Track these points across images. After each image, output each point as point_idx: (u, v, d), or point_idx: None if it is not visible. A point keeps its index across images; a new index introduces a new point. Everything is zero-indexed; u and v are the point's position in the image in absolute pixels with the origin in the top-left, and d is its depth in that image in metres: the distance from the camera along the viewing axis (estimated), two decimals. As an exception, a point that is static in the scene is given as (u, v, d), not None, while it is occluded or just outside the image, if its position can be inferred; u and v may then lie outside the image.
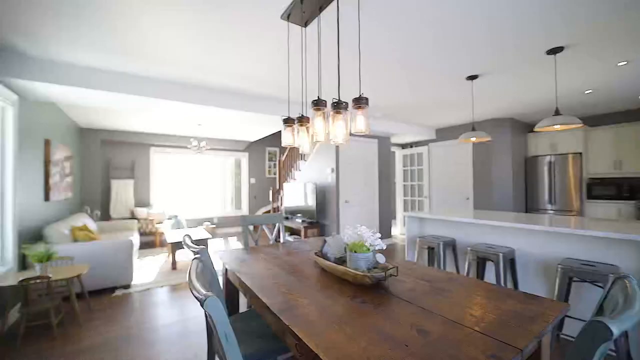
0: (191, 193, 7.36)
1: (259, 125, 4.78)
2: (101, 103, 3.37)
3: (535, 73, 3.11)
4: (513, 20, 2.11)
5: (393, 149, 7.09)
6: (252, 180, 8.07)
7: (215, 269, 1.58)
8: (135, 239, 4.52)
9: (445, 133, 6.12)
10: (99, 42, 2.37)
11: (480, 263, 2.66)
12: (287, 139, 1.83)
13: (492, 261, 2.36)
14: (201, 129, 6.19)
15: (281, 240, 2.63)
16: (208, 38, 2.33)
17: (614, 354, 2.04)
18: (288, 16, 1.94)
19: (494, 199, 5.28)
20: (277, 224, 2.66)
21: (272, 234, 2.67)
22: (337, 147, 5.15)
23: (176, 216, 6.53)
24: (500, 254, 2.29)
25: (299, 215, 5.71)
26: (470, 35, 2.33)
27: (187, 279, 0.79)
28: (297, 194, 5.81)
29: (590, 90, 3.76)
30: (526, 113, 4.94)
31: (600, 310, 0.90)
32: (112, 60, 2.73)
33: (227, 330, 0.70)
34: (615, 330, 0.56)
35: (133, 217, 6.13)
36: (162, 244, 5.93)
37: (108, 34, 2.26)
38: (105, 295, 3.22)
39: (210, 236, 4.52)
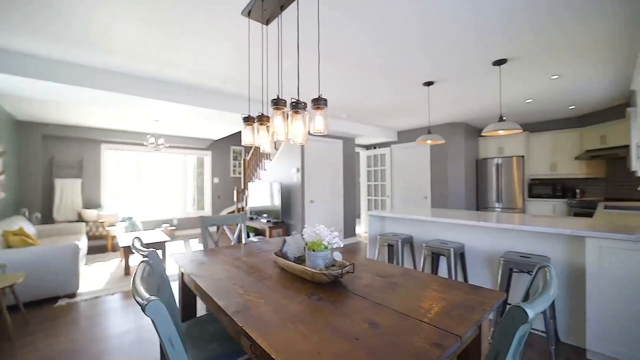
0: (148, 193, 6.92)
1: (221, 123, 4.64)
2: (44, 95, 3.04)
3: (484, 82, 3.38)
4: (463, 31, 2.28)
5: (357, 149, 7.27)
6: (216, 180, 7.80)
7: (172, 272, 1.51)
8: (83, 243, 4.15)
9: (407, 135, 6.41)
10: (41, 27, 2.14)
11: (435, 258, 2.83)
12: (247, 138, 1.80)
13: (445, 256, 2.52)
14: (159, 125, 5.84)
15: (243, 241, 2.58)
16: (165, 31, 2.22)
17: (544, 334, 2.29)
18: (249, 13, 1.91)
19: (449, 197, 5.64)
20: (239, 225, 2.60)
21: (234, 235, 2.61)
22: (302, 147, 5.16)
23: (130, 218, 6.11)
24: (451, 249, 2.45)
25: (264, 215, 5.63)
26: (426, 44, 2.46)
27: (131, 285, 0.75)
28: (262, 193, 5.73)
29: (530, 100, 4.17)
30: (477, 118, 5.34)
31: (526, 296, 1.00)
32: (57, 49, 2.48)
33: (172, 335, 0.68)
34: (531, 313, 0.63)
35: (81, 219, 5.61)
36: (115, 248, 5.51)
37: (52, 20, 2.05)
38: (46, 307, 2.92)
39: (168, 239, 4.29)
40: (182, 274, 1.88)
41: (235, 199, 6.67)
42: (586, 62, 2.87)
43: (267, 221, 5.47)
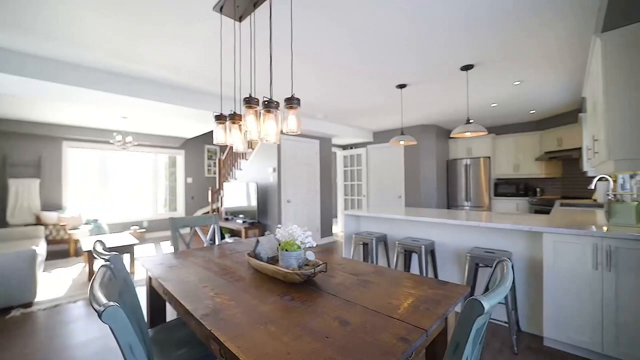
0: (116, 194, 6.56)
1: (194, 121, 4.49)
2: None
3: (453, 86, 3.54)
4: (433, 37, 2.37)
5: (334, 149, 7.33)
6: (189, 180, 7.55)
7: (141, 277, 1.45)
8: (41, 249, 3.86)
9: (382, 136, 6.56)
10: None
11: (407, 255, 2.92)
12: (219, 137, 1.76)
13: (416, 253, 2.61)
14: (127, 123, 5.56)
15: (217, 242, 2.51)
16: (133, 23, 2.11)
17: (506, 324, 2.43)
18: (221, 8, 1.87)
19: (421, 196, 5.84)
20: (212, 226, 2.53)
21: (207, 237, 2.54)
22: (278, 146, 5.12)
23: (96, 220, 5.76)
24: (422, 246, 2.54)
25: (240, 215, 5.53)
26: (397, 46, 2.53)
27: (88, 291, 0.71)
28: (238, 193, 5.62)
29: (495, 104, 4.41)
30: (447, 121, 5.57)
31: (487, 289, 1.06)
32: (20, 40, 2.29)
33: (132, 342, 0.65)
34: (487, 305, 0.67)
35: (39, 222, 5.21)
36: (78, 252, 5.18)
37: (18, 10, 1.89)
38: (-5, 318, 2.68)
39: (136, 241, 4.09)
40: (150, 278, 1.80)
41: (210, 199, 6.49)
42: (544, 69, 3.09)
43: (243, 222, 5.38)
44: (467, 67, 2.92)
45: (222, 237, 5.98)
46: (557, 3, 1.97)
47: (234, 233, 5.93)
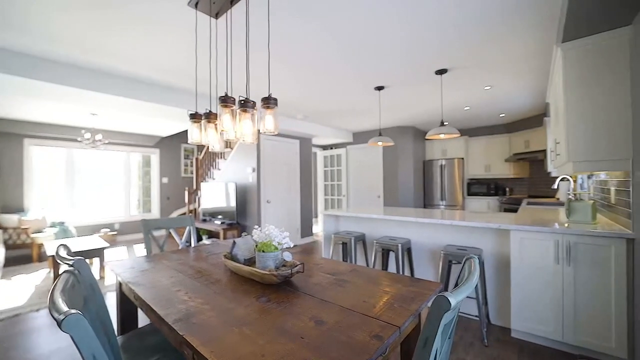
0: (84, 195, 6.21)
1: (170, 119, 4.34)
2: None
3: (428, 89, 3.65)
4: (409, 41, 2.43)
5: (315, 149, 7.35)
6: (165, 180, 7.29)
7: (112, 282, 1.38)
8: (-3, 254, 3.58)
9: (361, 137, 6.65)
10: None
11: (385, 254, 2.98)
12: (194, 136, 1.71)
13: (393, 251, 2.67)
14: (97, 120, 5.28)
15: (192, 244, 2.45)
16: (103, 16, 2.01)
17: (477, 318, 2.55)
18: (196, 4, 1.82)
19: (399, 196, 5.98)
20: (188, 227, 2.46)
21: (182, 239, 2.46)
22: (258, 146, 5.06)
23: (62, 223, 5.42)
24: (399, 245, 2.61)
25: (219, 216, 5.41)
26: (375, 49, 2.58)
27: (48, 299, 0.67)
28: (216, 194, 5.49)
29: (468, 107, 4.60)
30: (424, 122, 5.74)
31: (457, 285, 1.11)
32: None
33: (96, 352, 0.62)
34: (453, 301, 0.70)
35: (-4, 226, 4.83)
36: (42, 257, 4.85)
37: None
38: (-57, 331, 2.46)
39: (106, 245, 3.89)
40: (120, 283, 1.72)
41: (186, 200, 6.30)
42: (512, 76, 3.26)
43: (222, 223, 5.27)
44: (441, 72, 3.03)
45: (200, 239, 5.82)
46: (524, 14, 2.09)
47: (212, 234, 5.79)
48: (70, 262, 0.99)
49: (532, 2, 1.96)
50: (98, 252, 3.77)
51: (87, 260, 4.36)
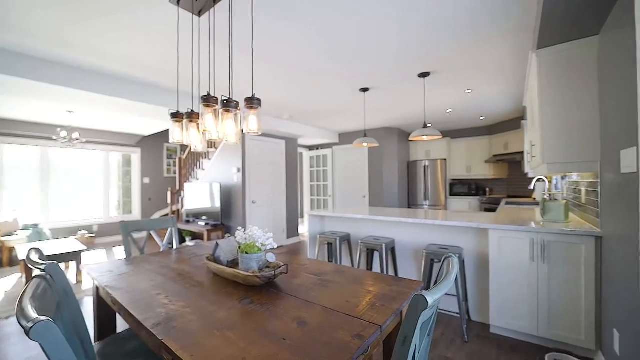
0: (61, 196, 5.95)
1: (151, 118, 4.23)
2: None
3: (412, 91, 3.72)
4: (393, 44, 2.47)
5: (301, 150, 7.34)
6: (146, 180, 7.09)
7: (88, 287, 1.33)
8: (-37, 259, 3.38)
9: (347, 137, 6.70)
10: None
11: (369, 254, 3.02)
12: (176, 136, 1.68)
13: (378, 251, 2.71)
14: (74, 117, 5.08)
15: (174, 246, 2.40)
16: (79, 9, 1.94)
17: (458, 315, 2.62)
18: (178, 1, 1.78)
19: (384, 196, 6.06)
20: (170, 229, 2.41)
21: (163, 241, 2.40)
22: (243, 146, 5.01)
23: (36, 225, 5.18)
24: (383, 244, 2.65)
25: (203, 217, 5.31)
26: (360, 51, 2.61)
27: (16, 306, 0.64)
28: (200, 194, 5.39)
29: (450, 110, 4.72)
30: (408, 124, 5.85)
31: (436, 283, 1.14)
32: None
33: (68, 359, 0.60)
34: (430, 300, 0.72)
35: (-39, 229, 4.56)
36: (13, 262, 4.62)
37: None
38: None
39: (83, 248, 3.75)
40: (97, 287, 1.67)
41: (169, 200, 6.15)
42: (491, 80, 3.37)
43: (206, 224, 5.18)
44: (424, 75, 3.09)
45: (183, 241, 5.70)
46: (501, 21, 2.17)
47: (196, 236, 5.68)
48: (42, 267, 0.95)
49: (509, 10, 2.04)
50: (74, 256, 3.62)
51: (63, 264, 4.18)
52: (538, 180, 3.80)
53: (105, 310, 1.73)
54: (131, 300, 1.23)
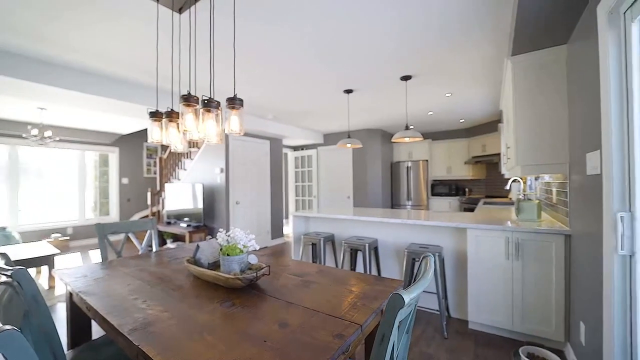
0: (32, 197, 5.65)
1: (130, 116, 4.10)
2: None
3: (394, 94, 3.79)
4: (375, 47, 2.51)
5: (285, 150, 7.31)
6: (125, 181, 6.85)
7: (62, 292, 1.27)
8: None
9: (332, 138, 6.73)
10: None
11: (353, 254, 3.05)
12: (155, 135, 1.64)
13: (361, 251, 2.74)
14: (45, 115, 4.84)
15: (154, 249, 2.33)
16: (55, 3, 1.85)
17: (437, 312, 2.69)
18: (158, -1, 1.74)
19: (368, 197, 6.14)
20: (149, 231, 2.34)
21: (142, 243, 2.33)
22: (226, 146, 4.93)
23: (4, 228, 4.88)
24: (366, 244, 2.68)
25: (185, 219, 5.19)
26: (344, 53, 2.64)
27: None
28: (182, 195, 5.27)
29: (432, 112, 4.85)
30: (391, 125, 5.95)
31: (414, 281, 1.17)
32: None
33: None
34: (407, 299, 0.75)
35: None
36: (-24, 267, 4.33)
37: None
38: None
39: (56, 251, 3.58)
40: (71, 293, 1.60)
41: (149, 201, 5.97)
42: (470, 84, 3.49)
43: (188, 225, 5.06)
44: (406, 78, 3.16)
45: (164, 243, 5.55)
46: (479, 28, 2.24)
47: (177, 238, 5.54)
48: (9, 273, 0.90)
49: (485, 19, 2.12)
50: (46, 260, 3.45)
51: (34, 269, 3.97)
52: (514, 181, 3.96)
53: (79, 316, 1.66)
54: (107, 306, 1.19)
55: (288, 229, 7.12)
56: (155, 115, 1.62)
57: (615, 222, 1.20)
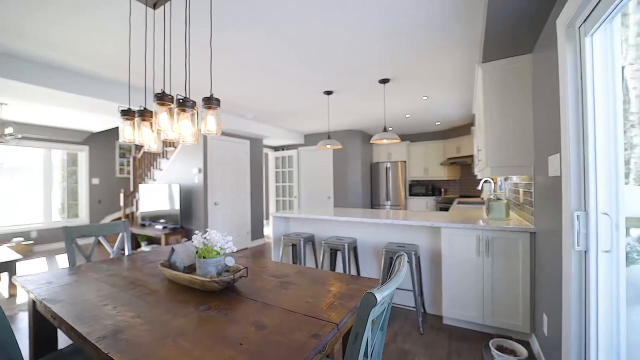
0: (-13, 199, 5.25)
1: (101, 114, 3.91)
2: None
3: (373, 96, 3.87)
4: (354, 50, 2.55)
5: (266, 150, 7.25)
6: (95, 181, 6.53)
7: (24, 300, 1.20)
8: None
9: (313, 138, 6.75)
10: None
11: (333, 254, 3.08)
12: (126, 134, 1.58)
13: (340, 251, 2.77)
14: (6, 110, 4.51)
15: (127, 252, 2.24)
16: (6, -8, 1.74)
17: (413, 309, 2.78)
18: (130, -6, 1.68)
19: (349, 197, 6.21)
20: (121, 234, 2.25)
21: (114, 247, 2.24)
22: (205, 146, 4.82)
23: (-44, 233, 4.51)
24: (345, 244, 2.72)
25: (161, 220, 5.02)
26: (324, 55, 2.66)
27: None
28: (157, 196, 5.09)
29: (409, 115, 4.98)
30: (371, 127, 6.06)
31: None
32: None
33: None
34: (379, 297, 0.77)
35: None
36: None
37: None
38: None
39: (18, 257, 3.35)
40: (34, 301, 1.51)
41: (122, 203, 5.72)
42: (444, 88, 3.62)
43: (164, 227, 4.90)
44: (384, 81, 3.23)
45: (138, 246, 5.34)
46: (452, 35, 2.34)
47: (153, 240, 5.35)
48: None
49: (458, 26, 2.21)
50: (6, 266, 3.23)
51: (-8, 276, 3.69)
52: (485, 181, 4.15)
53: (43, 326, 1.57)
54: (74, 313, 1.14)
55: (269, 230, 7.06)
56: (127, 113, 1.57)
57: (573, 220, 1.29)
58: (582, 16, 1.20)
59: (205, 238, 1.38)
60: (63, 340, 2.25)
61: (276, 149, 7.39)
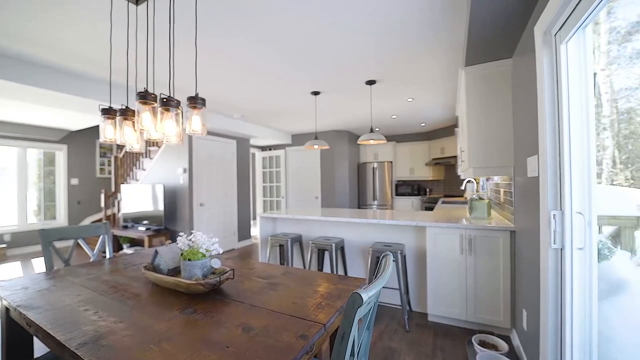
0: (-45, 200, 4.96)
1: (80, 112, 3.77)
2: None
3: (360, 97, 3.90)
4: (341, 51, 2.57)
5: (253, 150, 7.18)
6: (74, 181, 6.28)
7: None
8: None
9: (300, 139, 6.74)
10: None
11: (320, 254, 3.09)
12: (107, 133, 1.53)
13: (328, 251, 2.78)
14: (-25, 108, 4.28)
15: (108, 255, 2.17)
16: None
17: (399, 307, 2.82)
18: (111, -11, 1.63)
19: (336, 197, 6.24)
20: (102, 236, 2.18)
21: (94, 250, 2.16)
22: (190, 145, 4.73)
23: None
24: (333, 244, 2.73)
25: (144, 222, 4.89)
26: (311, 55, 2.66)
27: None
28: (140, 197, 4.95)
29: (395, 116, 5.06)
30: (358, 128, 6.11)
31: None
32: None
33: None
34: (365, 297, 0.78)
35: None
36: None
37: None
38: None
39: (-10, 261, 3.19)
40: (7, 308, 1.44)
41: (103, 204, 5.53)
42: (429, 91, 3.69)
43: (147, 229, 4.77)
44: (371, 82, 3.27)
45: (120, 248, 5.18)
46: (436, 40, 2.39)
47: (135, 242, 5.20)
48: None
49: (442, 30, 2.26)
50: (-23, 271, 3.06)
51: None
52: (468, 181, 4.26)
53: (17, 334, 1.50)
54: (52, 320, 1.10)
55: (256, 231, 7.00)
56: (108, 112, 1.52)
57: (549, 219, 1.35)
58: (558, 23, 1.26)
59: (190, 240, 1.36)
60: (40, 348, 2.16)
61: (263, 148, 7.33)
